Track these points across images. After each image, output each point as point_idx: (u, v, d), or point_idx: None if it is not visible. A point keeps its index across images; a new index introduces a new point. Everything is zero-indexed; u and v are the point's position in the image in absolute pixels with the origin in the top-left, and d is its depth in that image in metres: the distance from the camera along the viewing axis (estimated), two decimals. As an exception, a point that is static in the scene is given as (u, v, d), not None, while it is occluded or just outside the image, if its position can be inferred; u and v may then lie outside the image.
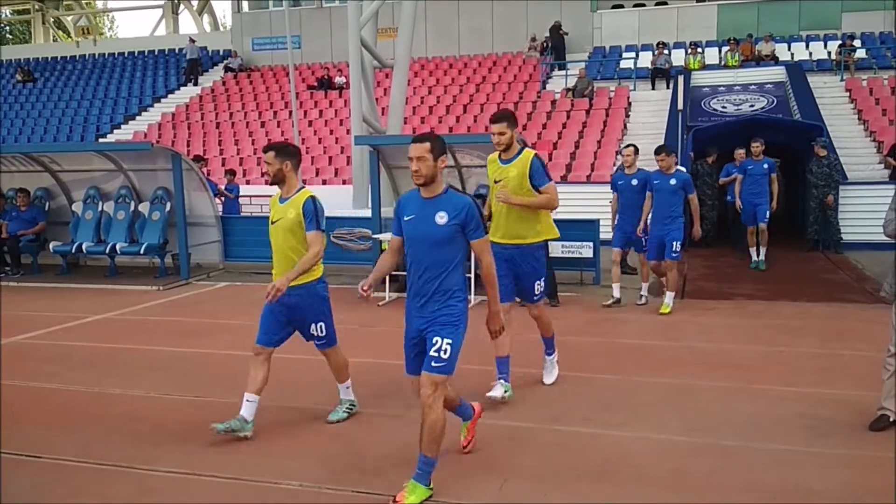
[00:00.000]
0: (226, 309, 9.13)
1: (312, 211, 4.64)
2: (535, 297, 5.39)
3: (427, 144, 3.82)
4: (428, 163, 3.79)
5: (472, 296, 8.92)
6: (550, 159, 17.31)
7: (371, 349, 6.91)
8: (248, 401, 4.68)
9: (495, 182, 5.28)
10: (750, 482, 3.91)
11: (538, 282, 5.35)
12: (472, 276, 8.96)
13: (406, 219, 3.91)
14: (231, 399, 5.45)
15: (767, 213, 11.07)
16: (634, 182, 8.47)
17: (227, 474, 4.10)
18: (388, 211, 11.08)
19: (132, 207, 11.43)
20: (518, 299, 5.52)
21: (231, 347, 7.03)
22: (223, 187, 13.57)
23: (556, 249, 9.32)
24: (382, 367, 6.26)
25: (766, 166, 11.14)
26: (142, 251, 10.98)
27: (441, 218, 3.78)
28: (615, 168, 10.26)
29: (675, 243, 8.09)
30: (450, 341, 3.75)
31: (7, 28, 46.58)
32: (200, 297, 9.97)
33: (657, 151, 8.31)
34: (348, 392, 5.09)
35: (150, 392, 5.68)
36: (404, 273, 9.45)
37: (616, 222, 8.74)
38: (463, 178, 10.55)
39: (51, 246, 11.40)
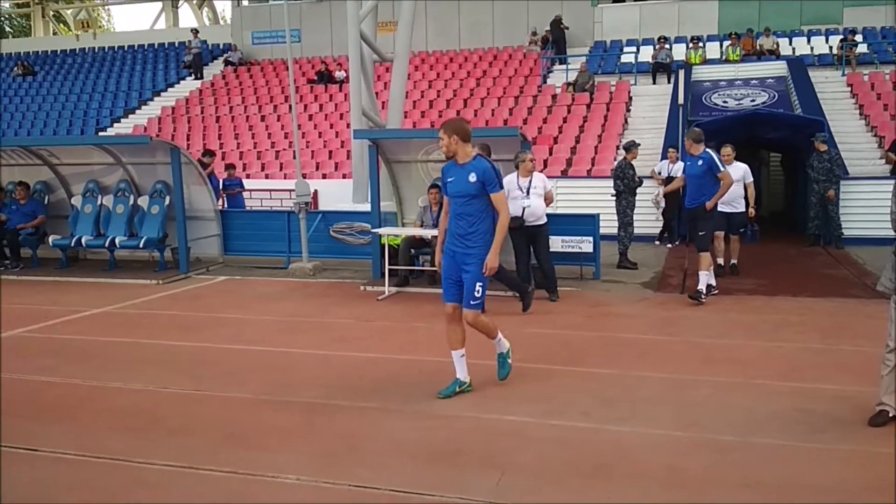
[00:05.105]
0: (225, 303, 9.12)
1: None
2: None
3: None
4: None
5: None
6: (550, 154, 17.29)
7: (369, 343, 6.91)
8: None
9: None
10: (747, 478, 3.90)
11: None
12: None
13: None
14: (229, 392, 5.46)
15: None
16: None
17: (224, 468, 4.09)
18: (387, 205, 11.06)
19: (131, 201, 11.40)
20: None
21: (229, 341, 7.03)
22: (223, 181, 13.53)
23: (557, 244, 9.30)
24: (380, 361, 6.26)
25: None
26: (141, 245, 10.96)
27: None
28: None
29: None
30: None
31: (7, 21, 46.47)
32: (200, 291, 9.96)
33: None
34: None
35: (149, 385, 5.68)
36: (403, 268, 9.49)
37: None
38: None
39: (50, 239, 11.38)
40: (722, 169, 8.48)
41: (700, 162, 8.49)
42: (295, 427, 4.77)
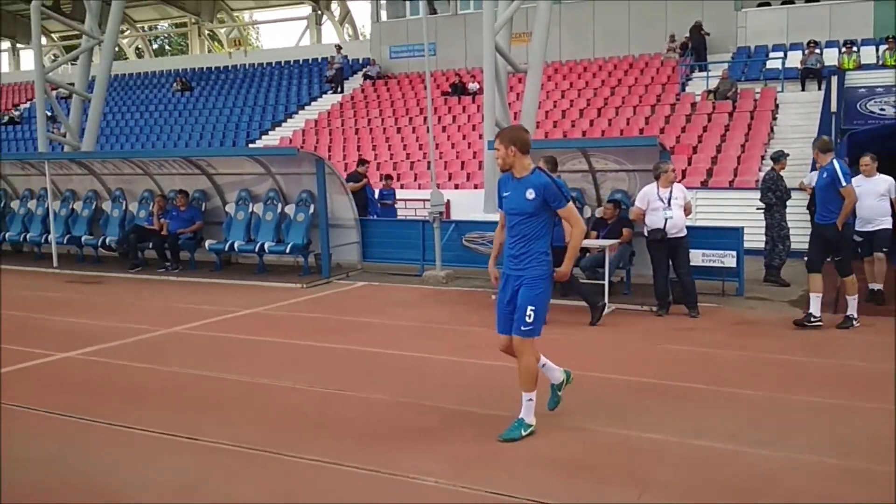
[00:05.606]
0: (364, 307, 9.46)
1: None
2: None
3: None
4: None
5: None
6: (689, 164, 16.75)
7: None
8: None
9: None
10: (913, 513, 3.63)
11: None
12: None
13: None
14: (369, 393, 5.67)
15: None
16: None
17: (367, 466, 4.25)
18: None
19: (279, 209, 12.06)
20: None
21: (368, 344, 7.29)
22: (379, 191, 14.09)
23: (697, 258, 9.01)
24: (512, 371, 6.25)
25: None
26: (287, 250, 11.58)
27: None
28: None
29: None
30: None
31: (167, 40, 50.42)
32: (340, 295, 10.39)
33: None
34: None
35: (296, 384, 5.98)
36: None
37: None
38: (597, 183, 10.39)
39: (206, 244, 12.23)
40: (844, 183, 7.59)
41: (825, 174, 7.71)
42: (433, 431, 4.89)
